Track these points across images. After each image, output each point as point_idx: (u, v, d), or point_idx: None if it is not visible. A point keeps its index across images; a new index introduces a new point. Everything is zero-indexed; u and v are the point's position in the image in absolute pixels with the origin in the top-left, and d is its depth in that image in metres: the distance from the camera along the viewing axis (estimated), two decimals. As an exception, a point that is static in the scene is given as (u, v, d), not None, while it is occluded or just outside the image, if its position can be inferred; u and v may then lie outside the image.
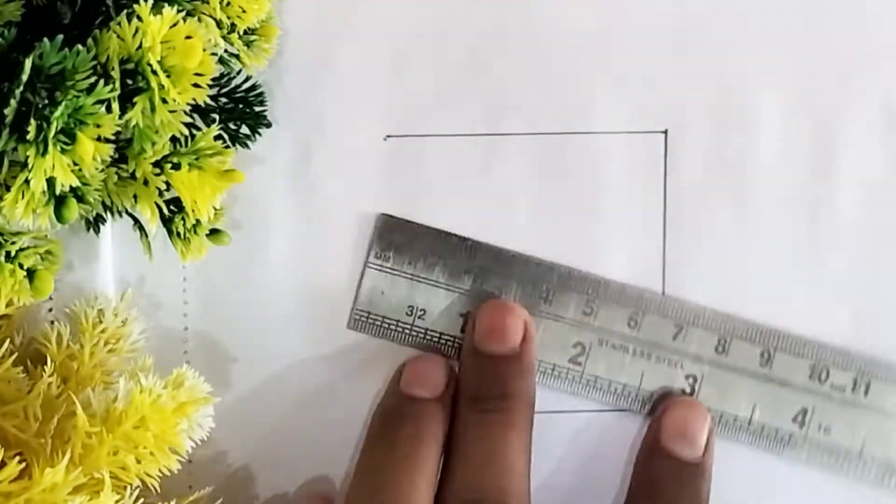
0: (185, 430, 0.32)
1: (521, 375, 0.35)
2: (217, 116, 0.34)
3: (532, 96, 0.37)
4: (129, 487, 0.32)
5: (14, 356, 0.33)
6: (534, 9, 0.37)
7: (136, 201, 0.31)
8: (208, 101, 0.32)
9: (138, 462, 0.31)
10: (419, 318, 0.37)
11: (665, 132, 0.38)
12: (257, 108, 0.35)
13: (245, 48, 0.34)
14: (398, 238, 0.37)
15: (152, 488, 0.32)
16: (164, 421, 0.31)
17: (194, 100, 0.29)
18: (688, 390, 0.37)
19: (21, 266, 0.30)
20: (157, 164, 0.31)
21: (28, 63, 0.27)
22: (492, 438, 0.34)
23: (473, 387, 0.35)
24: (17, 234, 0.30)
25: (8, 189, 0.28)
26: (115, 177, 0.31)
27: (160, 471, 0.32)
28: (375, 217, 0.37)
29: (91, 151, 0.28)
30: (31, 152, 0.27)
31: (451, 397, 0.35)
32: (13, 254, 0.30)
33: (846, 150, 0.38)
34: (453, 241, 0.37)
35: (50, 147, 0.27)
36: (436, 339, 0.37)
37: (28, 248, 0.30)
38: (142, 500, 0.32)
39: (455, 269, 0.37)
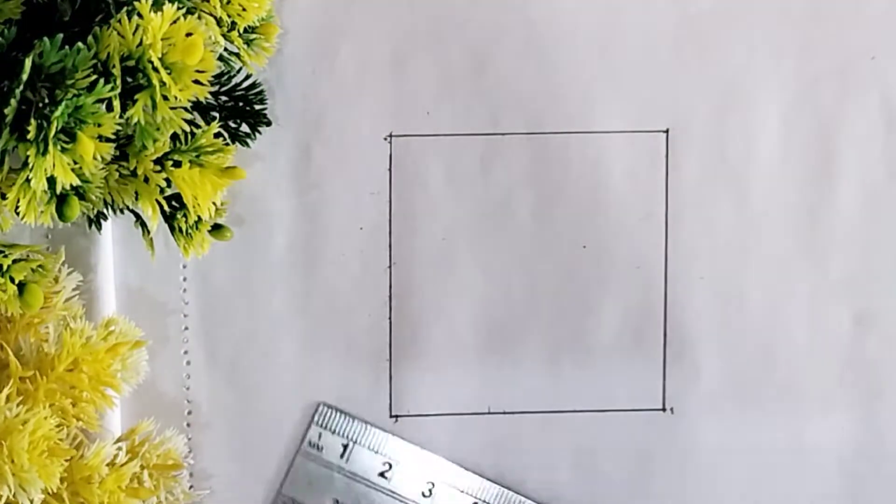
0: (119, 370, 0.33)
1: None
2: (217, 114, 0.34)
3: (532, 96, 0.37)
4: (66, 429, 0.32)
5: None
6: (533, 9, 0.37)
7: (136, 198, 0.31)
8: (209, 98, 0.32)
9: (73, 405, 0.32)
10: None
11: (667, 132, 0.38)
12: (257, 107, 0.35)
13: (245, 46, 0.34)
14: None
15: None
16: (97, 362, 0.32)
17: (195, 97, 0.29)
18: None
19: (12, 280, 0.30)
20: (158, 161, 0.31)
21: (28, 62, 0.27)
22: None
23: None
24: (12, 246, 0.30)
25: (4, 197, 0.28)
26: (116, 174, 0.31)
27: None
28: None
29: (91, 150, 0.27)
30: (32, 152, 0.27)
31: None
32: (5, 267, 0.30)
33: (846, 150, 0.38)
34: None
35: (50, 146, 0.27)
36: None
37: (21, 260, 0.30)
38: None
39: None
